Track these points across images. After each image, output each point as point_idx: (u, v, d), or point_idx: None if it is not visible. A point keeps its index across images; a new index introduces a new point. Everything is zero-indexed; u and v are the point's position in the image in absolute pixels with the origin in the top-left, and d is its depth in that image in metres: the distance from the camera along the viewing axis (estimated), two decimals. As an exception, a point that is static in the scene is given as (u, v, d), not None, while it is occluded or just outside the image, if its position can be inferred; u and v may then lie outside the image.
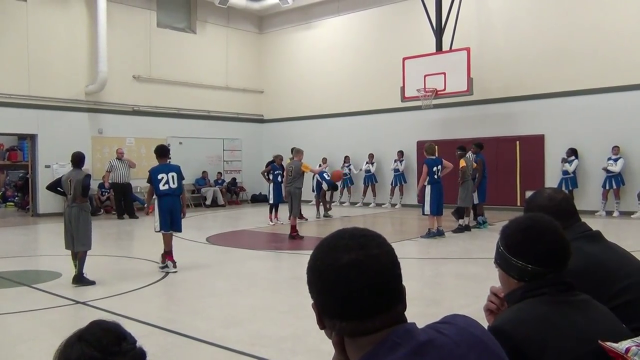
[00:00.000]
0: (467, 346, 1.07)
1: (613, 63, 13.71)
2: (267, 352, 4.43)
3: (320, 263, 1.08)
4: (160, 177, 7.90)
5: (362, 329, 1.05)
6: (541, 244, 1.59)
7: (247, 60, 21.31)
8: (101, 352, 1.10)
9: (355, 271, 1.05)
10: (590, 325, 1.49)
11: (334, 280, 1.06)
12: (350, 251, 1.06)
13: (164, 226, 7.92)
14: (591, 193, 14.03)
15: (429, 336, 1.06)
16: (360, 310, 1.05)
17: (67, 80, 16.36)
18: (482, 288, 1.82)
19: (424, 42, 16.06)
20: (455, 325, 1.12)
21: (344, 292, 1.05)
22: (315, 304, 1.11)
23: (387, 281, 1.07)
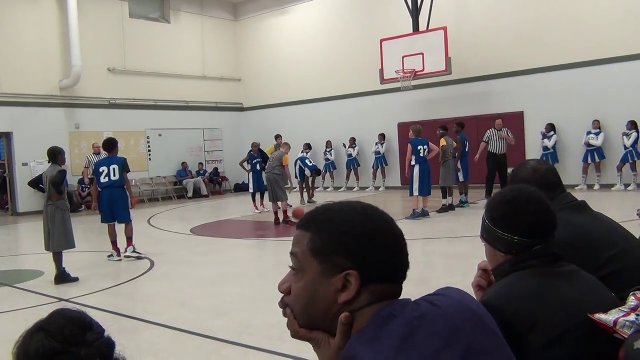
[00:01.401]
0: (462, 319, 1.05)
1: (589, 38, 13.78)
2: (255, 340, 4.40)
3: (376, 227, 1.09)
4: (101, 170, 8.12)
5: (393, 293, 1.08)
6: (527, 215, 1.56)
7: (224, 48, 21.09)
8: (62, 343, 1.01)
9: (397, 235, 1.10)
10: (579, 296, 1.47)
11: (383, 241, 1.07)
12: (387, 222, 1.11)
13: (105, 218, 8.12)
14: (572, 167, 14.16)
15: (424, 308, 1.05)
16: (399, 271, 1.09)
17: (40, 76, 16.05)
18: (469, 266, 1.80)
19: (400, 23, 15.99)
20: (449, 297, 1.11)
21: (392, 254, 1.08)
22: (357, 273, 1.05)
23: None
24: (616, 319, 1.39)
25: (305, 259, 1.09)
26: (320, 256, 1.07)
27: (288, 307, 1.12)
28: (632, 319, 1.38)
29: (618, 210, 10.10)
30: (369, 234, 1.07)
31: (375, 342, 0.99)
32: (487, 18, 15.36)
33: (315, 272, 1.07)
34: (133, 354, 4.22)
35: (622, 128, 13.20)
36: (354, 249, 1.06)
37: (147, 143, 18.68)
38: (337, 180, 18.48)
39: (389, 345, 0.98)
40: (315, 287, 1.07)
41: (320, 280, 1.07)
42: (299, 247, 1.11)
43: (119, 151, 8.60)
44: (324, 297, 1.07)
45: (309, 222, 1.12)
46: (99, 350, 1.04)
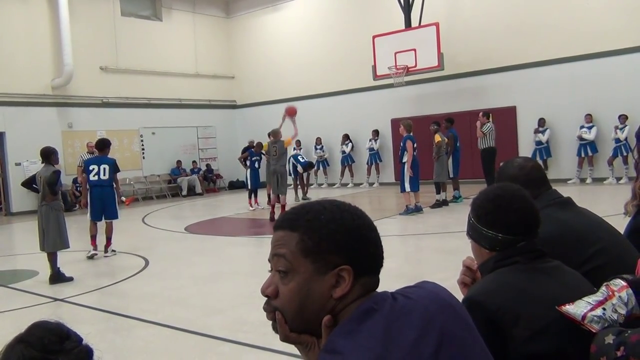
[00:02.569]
0: (435, 308, 1.09)
1: (581, 32, 13.84)
2: (250, 337, 4.43)
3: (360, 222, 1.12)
4: (91, 168, 8.40)
5: (376, 283, 1.13)
6: (510, 213, 1.60)
7: (216, 45, 21.04)
8: (41, 352, 1.08)
9: (374, 228, 1.15)
10: (561, 291, 1.51)
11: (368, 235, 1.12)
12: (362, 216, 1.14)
13: (95, 216, 8.43)
14: (564, 161, 14.25)
15: (400, 301, 1.08)
16: (381, 262, 1.14)
17: (31, 75, 15.98)
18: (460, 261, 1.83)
19: (392, 19, 16.01)
20: (424, 289, 1.14)
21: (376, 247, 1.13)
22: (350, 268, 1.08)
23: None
24: (584, 314, 1.42)
25: (295, 259, 1.09)
26: (312, 255, 1.08)
27: (277, 310, 1.12)
28: (599, 314, 1.41)
29: (609, 203, 10.18)
30: (356, 229, 1.10)
31: (356, 334, 1.02)
32: (478, 13, 15.40)
33: (308, 272, 1.08)
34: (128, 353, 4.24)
35: (614, 121, 13.27)
36: (345, 245, 1.08)
37: (140, 141, 18.64)
38: (330, 177, 18.50)
39: (369, 337, 1.01)
40: (308, 286, 1.08)
41: (314, 279, 1.08)
42: (286, 248, 1.11)
43: (109, 152, 8.91)
44: (318, 295, 1.08)
45: (294, 222, 1.12)
46: (77, 357, 1.10)
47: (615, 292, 1.44)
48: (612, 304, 1.43)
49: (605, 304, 1.43)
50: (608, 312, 1.42)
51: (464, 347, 1.07)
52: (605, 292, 1.46)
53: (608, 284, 1.47)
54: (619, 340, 1.31)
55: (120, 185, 17.35)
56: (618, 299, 1.43)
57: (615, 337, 1.32)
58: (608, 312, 1.42)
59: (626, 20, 13.21)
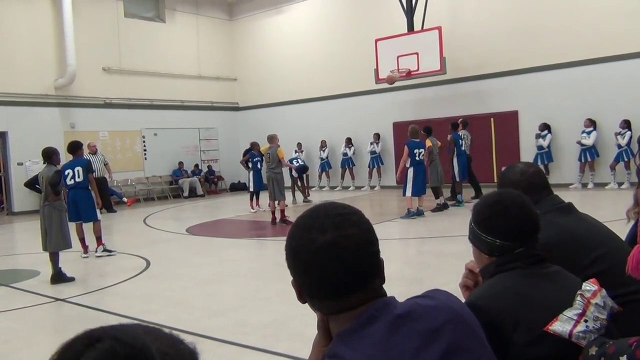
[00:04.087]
0: (444, 319, 1.08)
1: (583, 37, 13.84)
2: (250, 339, 4.44)
3: (296, 244, 1.10)
4: (67, 172, 8.39)
5: (339, 307, 1.07)
6: (508, 219, 1.60)
7: (219, 47, 21.08)
8: None
9: (329, 253, 1.05)
10: (561, 296, 1.52)
11: (310, 261, 1.07)
12: (325, 232, 1.06)
13: (70, 217, 8.26)
14: (566, 166, 14.24)
15: (407, 308, 1.08)
16: (336, 289, 1.07)
17: (34, 75, 16.02)
18: (462, 265, 1.84)
19: (395, 22, 16.03)
20: (434, 299, 1.14)
21: (319, 273, 1.06)
22: (294, 282, 1.14)
23: (362, 261, 1.08)
24: (570, 331, 1.44)
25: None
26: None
27: None
28: (582, 329, 1.44)
29: (611, 209, 10.17)
30: (287, 250, 1.13)
31: (357, 340, 1.03)
32: (481, 18, 15.41)
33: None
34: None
35: (615, 127, 13.26)
36: (287, 263, 1.14)
37: (142, 142, 18.67)
38: (332, 180, 18.51)
39: (370, 343, 1.02)
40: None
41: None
42: None
43: (82, 153, 8.95)
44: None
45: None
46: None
47: (589, 300, 1.46)
48: (592, 313, 1.45)
49: (586, 315, 1.45)
50: (590, 323, 1.45)
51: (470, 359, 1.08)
52: (582, 302, 1.48)
53: (582, 292, 1.49)
54: (601, 351, 1.36)
55: (122, 185, 17.61)
56: (595, 307, 1.46)
57: (598, 349, 1.37)
58: (590, 323, 1.44)
59: (629, 25, 13.21)
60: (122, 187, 17.61)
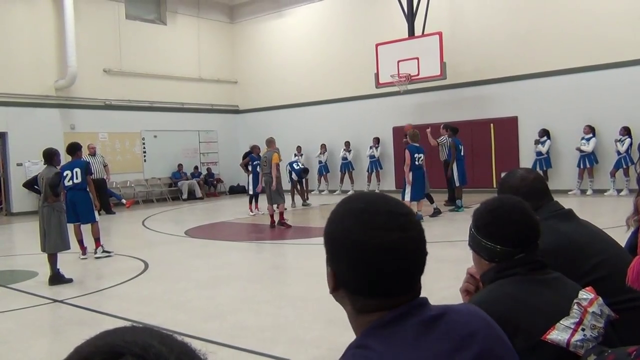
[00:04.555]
0: (477, 326, 1.08)
1: (583, 44, 13.87)
2: (248, 343, 4.42)
3: (357, 239, 1.03)
4: (65, 174, 8.30)
5: (381, 305, 1.04)
6: (508, 225, 1.60)
7: (220, 50, 21.11)
8: None
9: (393, 254, 1.03)
10: (561, 303, 1.52)
11: (369, 259, 1.02)
12: (391, 232, 1.03)
13: (68, 218, 8.26)
14: (565, 172, 14.25)
15: (441, 311, 1.06)
16: (388, 289, 1.04)
17: (35, 75, 16.03)
18: (461, 270, 1.84)
19: (396, 27, 16.06)
20: (465, 306, 1.16)
21: (377, 272, 1.03)
22: (335, 275, 1.07)
23: (419, 263, 1.07)
24: (568, 340, 1.44)
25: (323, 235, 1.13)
26: (324, 242, 1.11)
27: None
28: (580, 338, 1.44)
29: (610, 215, 10.18)
30: (340, 241, 1.06)
31: (389, 336, 1.01)
32: (481, 24, 15.44)
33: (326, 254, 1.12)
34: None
35: (615, 133, 13.28)
36: (331, 253, 1.08)
37: (142, 144, 18.67)
38: (331, 183, 18.51)
39: (402, 340, 1.01)
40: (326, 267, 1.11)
41: (326, 264, 1.11)
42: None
43: (81, 154, 9.00)
44: (328, 280, 1.11)
45: (339, 203, 1.14)
46: None
47: (587, 308, 1.46)
48: (589, 321, 1.45)
49: (583, 323, 1.45)
50: (587, 331, 1.44)
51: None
52: (578, 311, 1.47)
53: (579, 301, 1.49)
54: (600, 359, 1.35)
55: (121, 187, 17.59)
56: (592, 315, 1.45)
57: (597, 357, 1.36)
58: (588, 332, 1.44)
59: (629, 32, 13.24)
60: (121, 189, 17.60)
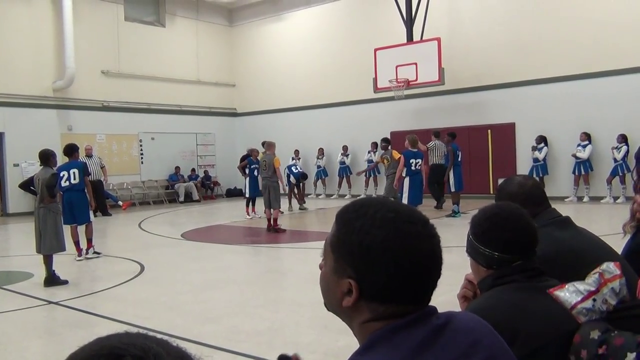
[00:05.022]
0: (481, 333, 1.09)
1: (580, 51, 13.92)
2: (244, 346, 4.42)
3: (395, 248, 1.01)
4: (62, 174, 8.34)
5: (406, 311, 1.03)
6: (506, 232, 1.60)
7: (218, 53, 21.12)
8: None
9: (425, 262, 1.03)
10: (559, 310, 1.52)
11: (403, 265, 1.01)
12: (424, 240, 1.03)
13: (65, 219, 8.34)
14: (561, 179, 14.28)
15: (446, 320, 1.06)
16: (418, 295, 1.04)
17: (33, 76, 16.01)
18: (457, 276, 1.84)
19: (394, 32, 16.10)
20: (468, 314, 1.16)
21: (413, 279, 1.02)
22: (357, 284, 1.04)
23: (439, 271, 1.07)
24: (574, 304, 1.41)
25: (326, 249, 1.10)
26: (335, 253, 1.07)
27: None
28: (588, 306, 1.41)
29: (607, 222, 10.20)
30: (378, 251, 1.02)
31: (394, 344, 1.01)
32: (479, 30, 15.49)
33: (330, 266, 1.08)
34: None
35: (612, 141, 13.31)
36: (358, 262, 1.03)
37: (139, 146, 18.65)
38: (329, 187, 18.51)
39: (409, 347, 1.00)
40: (329, 280, 1.09)
41: (333, 276, 1.07)
42: (329, 234, 1.11)
43: (78, 156, 9.08)
44: (334, 293, 1.07)
45: (342, 213, 1.10)
46: None
47: (607, 281, 1.42)
48: (603, 295, 1.42)
49: (597, 295, 1.42)
50: (598, 303, 1.41)
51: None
52: (598, 280, 1.44)
53: (601, 272, 1.46)
54: (603, 338, 1.30)
55: (118, 189, 17.56)
56: (610, 290, 1.41)
57: (601, 334, 1.32)
58: (598, 304, 1.41)
59: (626, 40, 13.29)
60: (117, 191, 17.56)
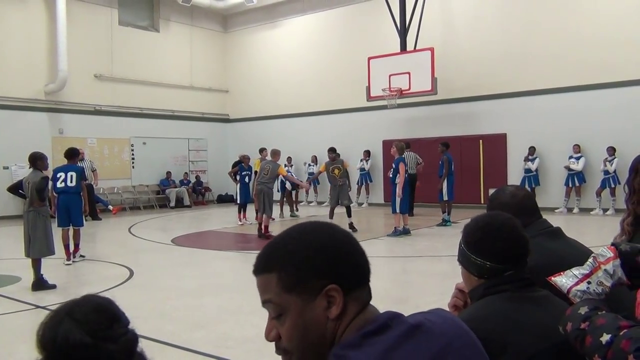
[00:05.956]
0: (453, 335, 1.09)
1: (572, 64, 14.06)
2: (233, 353, 4.39)
3: (334, 237, 1.11)
4: (58, 175, 8.54)
5: (369, 293, 1.11)
6: (498, 242, 1.61)
7: (212, 59, 21.13)
8: (92, 337, 0.94)
9: (348, 237, 1.13)
10: (549, 321, 1.52)
11: (343, 248, 1.09)
12: (331, 227, 1.14)
13: (61, 222, 8.54)
14: (552, 190, 14.37)
15: (418, 321, 1.07)
16: (367, 270, 1.11)
17: (25, 79, 15.94)
18: (448, 285, 1.84)
19: (388, 41, 16.18)
20: (442, 316, 1.14)
21: (356, 256, 1.11)
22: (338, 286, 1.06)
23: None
24: (570, 287, 1.45)
25: (281, 299, 1.07)
26: (296, 288, 1.06)
27: (288, 352, 1.10)
28: (583, 288, 1.44)
29: (596, 234, 10.26)
30: (329, 247, 1.08)
31: (368, 346, 1.01)
32: (473, 41, 15.60)
33: (297, 306, 1.06)
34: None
35: (602, 153, 13.43)
36: (325, 266, 1.06)
37: (130, 150, 18.58)
38: (320, 195, 18.50)
39: (381, 350, 1.00)
40: (303, 318, 1.06)
41: (306, 309, 1.06)
42: (270, 293, 1.08)
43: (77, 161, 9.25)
44: (315, 322, 1.06)
45: (267, 263, 1.10)
46: (125, 346, 0.98)
47: (601, 264, 1.44)
48: (598, 277, 1.43)
49: (591, 277, 1.44)
50: (593, 285, 1.43)
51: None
52: (592, 264, 1.46)
53: (595, 256, 1.47)
54: (588, 315, 1.33)
55: (109, 193, 17.48)
56: (604, 272, 1.43)
57: (588, 311, 1.34)
58: (593, 286, 1.43)
59: (619, 54, 13.44)
60: (108, 195, 17.47)
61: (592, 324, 1.30)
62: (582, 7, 14.06)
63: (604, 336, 1.25)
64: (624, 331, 1.24)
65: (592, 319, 1.32)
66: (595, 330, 1.28)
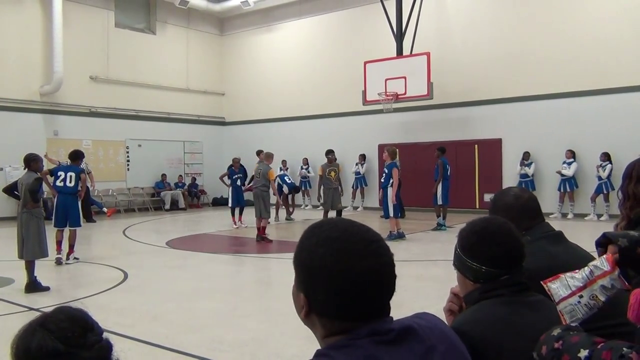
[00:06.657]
0: (437, 339, 1.11)
1: (567, 69, 14.12)
2: (227, 357, 4.38)
3: (333, 267, 1.05)
4: (59, 174, 8.82)
5: (349, 329, 1.05)
6: (494, 246, 1.61)
7: (208, 62, 21.12)
8: (65, 344, 1.00)
9: (369, 280, 1.05)
10: (545, 325, 1.52)
11: (346, 286, 1.04)
12: (366, 258, 1.06)
13: (59, 223, 8.72)
14: (547, 195, 14.39)
15: (403, 326, 1.08)
16: (363, 313, 1.06)
17: (20, 80, 15.88)
18: (443, 289, 1.84)
19: (385, 46, 16.21)
20: (425, 320, 1.16)
21: (354, 298, 1.05)
22: (306, 299, 1.09)
23: (392, 287, 1.09)
24: (561, 299, 1.41)
25: (293, 261, 1.14)
26: (295, 269, 1.13)
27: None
28: (573, 302, 1.39)
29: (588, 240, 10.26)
30: (317, 270, 1.07)
31: (352, 349, 1.03)
32: (469, 46, 15.65)
33: (295, 280, 1.14)
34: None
35: (596, 158, 13.47)
36: (303, 279, 1.10)
37: (126, 153, 18.54)
38: (315, 199, 18.47)
39: (364, 353, 1.02)
40: (294, 292, 1.14)
41: (295, 290, 1.14)
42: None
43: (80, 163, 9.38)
44: (297, 306, 1.13)
45: (305, 231, 1.15)
46: (98, 353, 1.04)
47: (597, 278, 1.38)
48: (592, 290, 1.39)
49: (583, 291, 1.39)
50: (585, 299, 1.39)
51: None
52: (587, 277, 1.41)
53: (592, 268, 1.41)
54: (560, 335, 1.31)
55: (103, 195, 17.41)
56: (600, 287, 1.38)
57: (560, 331, 1.33)
58: (585, 299, 1.39)
59: (614, 60, 13.50)
60: (102, 197, 17.42)
61: (565, 342, 1.28)
62: (577, 13, 14.14)
63: (581, 352, 1.23)
64: (601, 344, 1.22)
65: (565, 338, 1.30)
66: (571, 348, 1.26)
